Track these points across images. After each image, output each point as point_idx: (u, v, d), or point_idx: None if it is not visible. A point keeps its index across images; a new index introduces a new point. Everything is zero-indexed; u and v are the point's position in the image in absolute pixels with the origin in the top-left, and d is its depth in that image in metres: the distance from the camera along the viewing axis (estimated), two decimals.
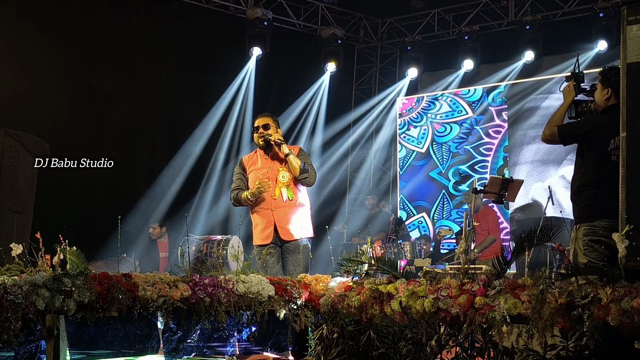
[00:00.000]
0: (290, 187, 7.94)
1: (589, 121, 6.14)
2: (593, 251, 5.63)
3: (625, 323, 4.61)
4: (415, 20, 16.90)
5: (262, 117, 8.33)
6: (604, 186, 5.91)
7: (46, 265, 5.94)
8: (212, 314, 6.47)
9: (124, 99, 14.38)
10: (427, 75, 17.12)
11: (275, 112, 16.27)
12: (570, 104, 6.36)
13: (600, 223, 5.79)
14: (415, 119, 16.64)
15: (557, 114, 6.38)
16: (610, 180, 5.86)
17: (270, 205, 7.92)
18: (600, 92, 6.12)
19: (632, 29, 5.20)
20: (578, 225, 5.92)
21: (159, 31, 14.78)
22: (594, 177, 5.99)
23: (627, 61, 5.21)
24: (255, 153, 8.31)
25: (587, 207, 5.95)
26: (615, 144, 5.85)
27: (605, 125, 5.98)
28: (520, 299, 5.22)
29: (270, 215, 7.92)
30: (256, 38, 15.51)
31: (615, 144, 5.86)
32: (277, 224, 7.90)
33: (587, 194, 6.02)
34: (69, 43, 13.55)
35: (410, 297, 5.91)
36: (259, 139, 8.13)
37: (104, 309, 5.88)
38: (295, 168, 7.88)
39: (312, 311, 7.11)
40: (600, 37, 14.31)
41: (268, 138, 8.04)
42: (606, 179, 5.89)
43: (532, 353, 5.26)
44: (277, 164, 8.03)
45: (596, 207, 5.84)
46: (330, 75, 16.70)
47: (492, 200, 8.64)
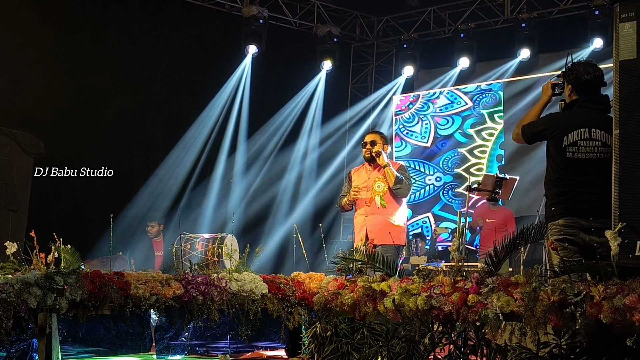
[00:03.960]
0: (384, 197, 8.54)
1: (545, 119, 6.09)
2: (562, 249, 5.61)
3: (618, 320, 4.61)
4: (411, 18, 16.88)
5: (371, 134, 8.96)
6: (563, 184, 5.85)
7: (41, 263, 5.93)
8: (205, 312, 6.48)
9: (120, 96, 14.33)
10: (423, 73, 17.09)
11: (272, 110, 16.38)
12: (546, 102, 6.31)
13: (561, 221, 5.77)
14: (408, 119, 16.62)
15: (530, 112, 6.30)
16: (567, 177, 5.85)
17: (364, 211, 8.58)
18: (565, 89, 6.10)
19: (624, 27, 5.19)
20: (547, 225, 5.91)
21: (156, 29, 14.75)
22: (554, 175, 5.94)
23: (619, 59, 5.21)
24: (363, 166, 8.94)
25: (550, 206, 5.92)
26: (569, 141, 5.83)
27: (561, 122, 5.93)
28: (513, 296, 5.22)
29: (363, 221, 8.55)
30: (252, 36, 15.48)
31: (569, 141, 5.84)
32: (368, 228, 8.47)
33: (549, 193, 5.99)
34: (66, 40, 13.51)
35: (403, 294, 5.91)
36: (365, 153, 8.76)
37: (96, 307, 5.88)
38: (390, 178, 8.47)
39: (306, 309, 7.12)
40: (596, 35, 14.31)
41: (372, 152, 8.65)
42: (563, 176, 5.86)
43: (525, 351, 5.27)
44: (376, 174, 8.63)
45: (557, 206, 5.82)
46: (326, 73, 16.67)
47: (486, 198, 8.63)
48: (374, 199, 8.54)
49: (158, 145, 15.42)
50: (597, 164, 5.79)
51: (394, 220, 8.53)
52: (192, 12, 15.26)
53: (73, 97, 13.54)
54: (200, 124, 15.43)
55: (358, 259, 6.78)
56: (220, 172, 15.69)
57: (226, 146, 15.80)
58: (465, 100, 16.05)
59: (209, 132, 15.51)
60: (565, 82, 6.07)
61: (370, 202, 8.56)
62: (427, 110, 16.46)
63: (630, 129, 5.11)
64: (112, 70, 14.11)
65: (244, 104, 15.96)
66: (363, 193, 8.64)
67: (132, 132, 14.77)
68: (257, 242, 13.01)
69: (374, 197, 8.55)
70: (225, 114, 15.76)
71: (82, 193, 13.47)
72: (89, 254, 11.52)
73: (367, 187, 8.63)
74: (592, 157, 5.79)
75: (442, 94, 16.35)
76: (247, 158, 16.16)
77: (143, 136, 15.17)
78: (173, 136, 15.25)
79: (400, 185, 8.46)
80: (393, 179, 8.43)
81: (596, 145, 5.79)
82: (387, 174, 8.50)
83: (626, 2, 5.22)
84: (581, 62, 6.07)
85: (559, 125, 5.92)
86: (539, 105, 6.27)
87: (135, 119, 14.71)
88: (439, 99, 16.35)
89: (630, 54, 5.17)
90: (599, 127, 5.81)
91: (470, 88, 16.04)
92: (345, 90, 17.73)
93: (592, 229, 5.59)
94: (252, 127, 16.12)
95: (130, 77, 14.43)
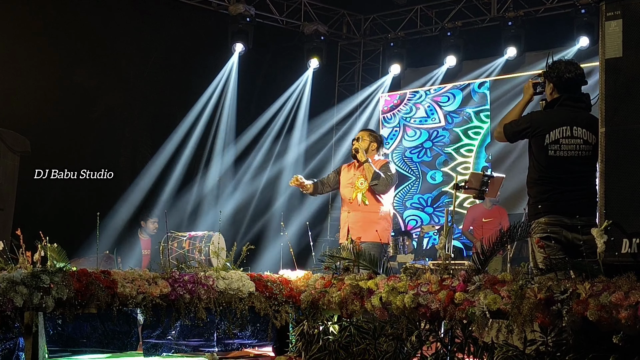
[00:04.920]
0: (366, 194, 8.57)
1: (527, 117, 6.11)
2: (547, 247, 5.63)
3: (604, 318, 4.63)
4: (398, 16, 16.87)
5: (361, 131, 9.09)
6: (545, 182, 5.89)
7: (27, 262, 5.91)
8: (192, 311, 6.47)
9: (106, 95, 14.31)
10: (410, 71, 17.10)
11: (259, 108, 16.37)
12: (527, 101, 6.33)
13: (544, 219, 5.79)
14: (389, 119, 16.68)
15: (512, 111, 6.33)
16: (549, 175, 5.88)
17: (347, 208, 8.71)
18: (547, 87, 6.13)
19: (610, 25, 5.22)
20: (531, 223, 5.93)
21: (142, 27, 14.73)
22: (536, 173, 5.97)
23: (605, 57, 5.23)
24: (353, 163, 8.93)
25: (533, 204, 5.95)
26: (551, 139, 5.86)
27: (543, 121, 5.96)
28: (500, 294, 5.23)
29: (346, 217, 8.66)
30: (239, 34, 15.45)
31: (551, 139, 5.86)
32: (350, 225, 8.54)
33: (531, 192, 6.02)
34: (52, 39, 13.48)
35: (390, 292, 5.92)
36: (352, 150, 8.81)
37: (82, 306, 5.87)
38: (368, 173, 8.50)
39: (293, 307, 7.12)
40: (582, 34, 14.32)
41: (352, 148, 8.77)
42: (546, 174, 5.89)
43: (511, 348, 5.28)
44: (360, 171, 8.67)
45: (540, 204, 5.84)
46: (313, 71, 16.65)
47: (473, 196, 8.63)
48: (357, 196, 8.59)
49: (145, 143, 15.39)
50: (579, 161, 5.84)
51: (376, 218, 8.55)
52: (179, 10, 15.23)
53: (59, 96, 13.51)
54: (187, 122, 15.40)
55: (345, 257, 6.78)
56: (207, 170, 15.67)
57: (213, 145, 15.78)
58: (439, 117, 16.16)
59: (196, 130, 15.48)
60: (547, 80, 6.10)
61: (353, 198, 8.62)
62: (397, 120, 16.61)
63: (616, 127, 5.14)
64: (98, 69, 14.09)
65: (231, 102, 15.94)
66: (347, 190, 8.72)
67: (118, 131, 14.74)
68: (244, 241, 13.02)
69: (356, 194, 8.60)
70: (212, 112, 15.73)
71: (68, 191, 13.43)
72: (75, 252, 11.48)
73: (352, 184, 8.69)
74: (574, 154, 5.84)
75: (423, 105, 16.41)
76: (234, 156, 16.15)
77: (130, 134, 15.14)
78: (160, 134, 15.21)
79: (377, 181, 8.45)
80: (371, 175, 8.46)
81: (578, 143, 5.84)
82: (365, 169, 8.54)
83: (612, 1, 5.25)
84: (562, 60, 6.11)
85: (540, 123, 5.96)
86: (521, 104, 6.30)
87: (122, 117, 14.69)
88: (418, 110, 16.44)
89: (616, 52, 5.19)
90: (580, 125, 5.86)
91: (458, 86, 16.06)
92: (332, 89, 17.71)
93: (575, 227, 5.62)
94: (239, 126, 16.11)
95: (117, 76, 14.41)
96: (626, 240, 4.99)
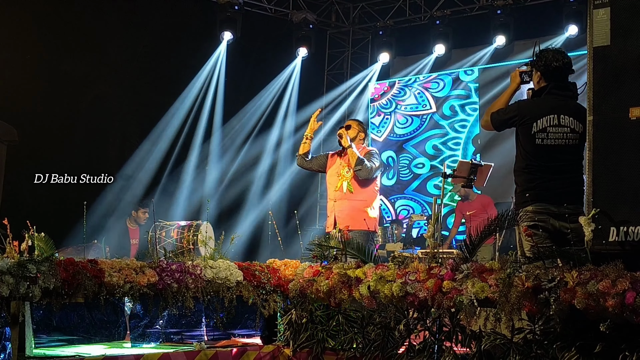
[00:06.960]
0: (351, 182, 8.60)
1: (514, 106, 6.13)
2: (534, 235, 5.65)
3: (591, 306, 4.64)
4: (387, 4, 16.86)
5: (350, 120, 9.20)
6: (532, 170, 5.92)
7: (14, 251, 5.88)
8: (180, 300, 6.46)
9: (94, 84, 14.22)
10: (399, 60, 17.10)
11: (247, 97, 16.32)
12: (514, 90, 6.33)
13: (531, 208, 5.80)
14: (385, 105, 16.69)
15: (499, 100, 6.34)
16: (537, 164, 5.90)
17: (334, 196, 8.69)
18: (534, 75, 6.13)
19: (598, 13, 5.21)
20: (518, 211, 5.94)
21: (130, 16, 14.63)
22: (523, 162, 5.99)
23: (593, 45, 5.22)
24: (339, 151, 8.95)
25: (520, 192, 5.96)
26: (539, 127, 5.87)
27: (530, 109, 5.98)
28: (488, 282, 5.23)
29: (333, 206, 8.67)
30: (227, 22, 15.41)
31: (538, 128, 5.88)
32: (336, 214, 8.56)
33: (518, 180, 6.04)
34: (40, 28, 13.39)
35: (378, 281, 5.91)
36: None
37: (69, 295, 5.84)
38: (351, 159, 8.53)
39: (281, 296, 7.12)
40: (571, 22, 14.34)
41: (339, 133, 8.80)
42: (533, 162, 5.92)
43: (499, 336, 5.29)
44: (346, 159, 8.68)
45: (527, 192, 5.85)
46: (302, 60, 16.63)
47: (462, 185, 8.64)
48: (342, 184, 8.62)
49: (133, 132, 15.32)
50: (566, 150, 5.86)
51: (362, 206, 8.57)
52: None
53: (47, 85, 13.43)
54: (175, 111, 15.35)
55: (333, 245, 6.78)
56: (195, 159, 15.62)
57: (201, 133, 15.74)
58: (431, 103, 16.17)
59: (184, 119, 15.44)
60: (534, 69, 6.10)
61: (339, 187, 8.65)
62: (390, 107, 16.58)
63: (604, 116, 5.14)
64: (86, 58, 13.99)
65: (219, 90, 15.90)
66: (333, 179, 8.76)
67: (106, 120, 14.66)
68: (232, 229, 13.02)
69: (341, 183, 8.63)
70: (200, 100, 15.70)
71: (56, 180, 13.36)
72: (63, 241, 11.44)
73: (337, 172, 8.73)
74: (561, 143, 5.86)
75: (413, 92, 16.41)
76: (222, 145, 16.11)
77: (118, 123, 15.06)
78: (148, 123, 15.15)
79: (360, 166, 8.47)
80: (354, 161, 8.49)
81: (565, 132, 5.86)
82: (349, 154, 8.57)
83: None
84: (550, 49, 6.12)
85: (527, 112, 5.97)
86: (508, 93, 6.31)
87: (109, 106, 14.60)
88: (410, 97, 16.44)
89: (604, 41, 5.18)
90: (567, 113, 5.87)
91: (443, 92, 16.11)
92: (321, 77, 17.70)
93: (562, 215, 5.64)
94: (227, 114, 16.06)
95: (104, 64, 14.34)
96: (613, 228, 4.99)
